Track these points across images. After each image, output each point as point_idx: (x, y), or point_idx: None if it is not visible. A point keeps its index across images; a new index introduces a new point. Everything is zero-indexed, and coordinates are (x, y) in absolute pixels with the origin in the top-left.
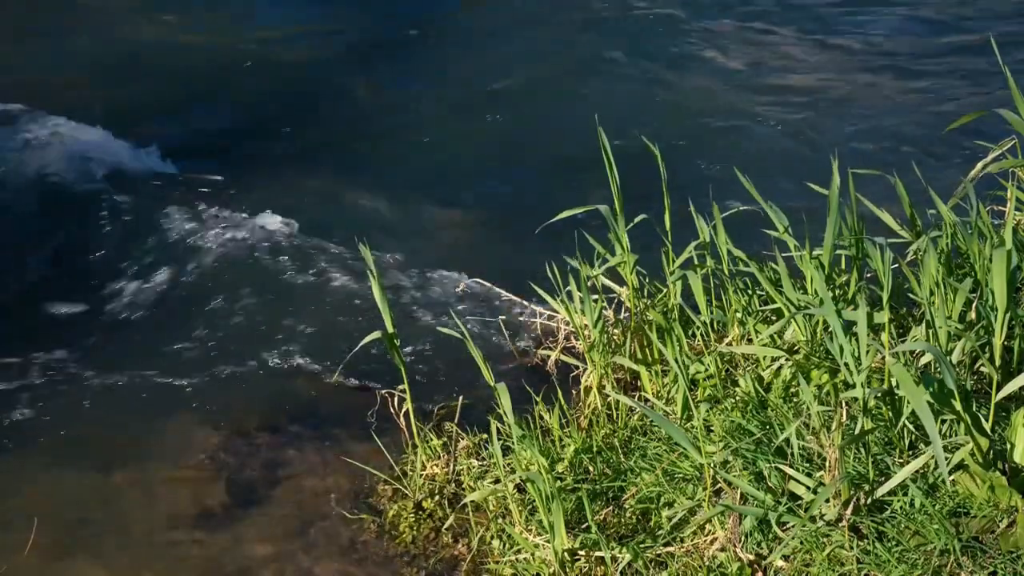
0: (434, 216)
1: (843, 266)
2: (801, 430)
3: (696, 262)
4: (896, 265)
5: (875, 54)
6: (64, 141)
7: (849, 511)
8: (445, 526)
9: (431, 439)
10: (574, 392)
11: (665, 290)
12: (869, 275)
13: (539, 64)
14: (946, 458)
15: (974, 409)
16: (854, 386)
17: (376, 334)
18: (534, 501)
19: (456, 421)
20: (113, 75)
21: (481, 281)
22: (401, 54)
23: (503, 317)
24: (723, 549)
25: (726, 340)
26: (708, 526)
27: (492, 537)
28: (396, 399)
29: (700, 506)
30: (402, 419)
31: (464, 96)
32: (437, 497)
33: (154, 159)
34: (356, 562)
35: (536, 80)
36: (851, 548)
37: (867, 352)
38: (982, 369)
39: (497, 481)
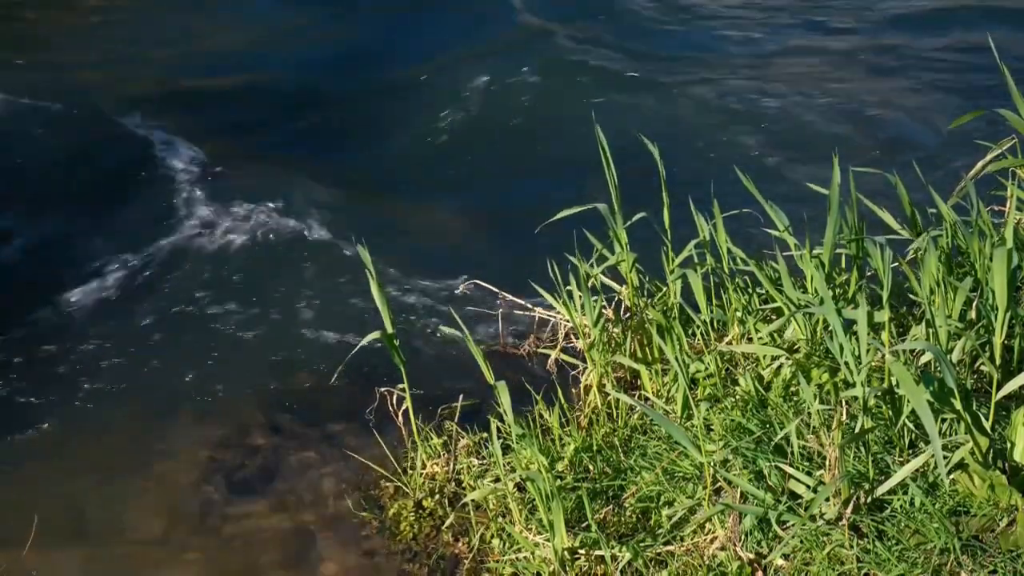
0: (434, 216)
1: (843, 265)
2: (801, 429)
3: (696, 261)
4: (896, 264)
5: (875, 53)
6: (65, 131)
7: (849, 510)
8: (445, 524)
9: (431, 438)
10: (574, 391)
11: (665, 289)
12: (869, 274)
13: (539, 65)
14: (946, 457)
15: (974, 408)
16: (854, 385)
17: (376, 334)
18: (534, 500)
19: (456, 420)
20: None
21: (481, 281)
22: (401, 56)
23: (503, 316)
24: (723, 548)
25: (726, 339)
26: (708, 525)
27: (492, 536)
28: (396, 398)
29: (700, 505)
30: (402, 418)
31: (464, 96)
32: (437, 496)
33: (159, 153)
34: (357, 560)
35: (536, 80)
36: (851, 547)
37: (867, 351)
38: (982, 368)
39: (497, 480)
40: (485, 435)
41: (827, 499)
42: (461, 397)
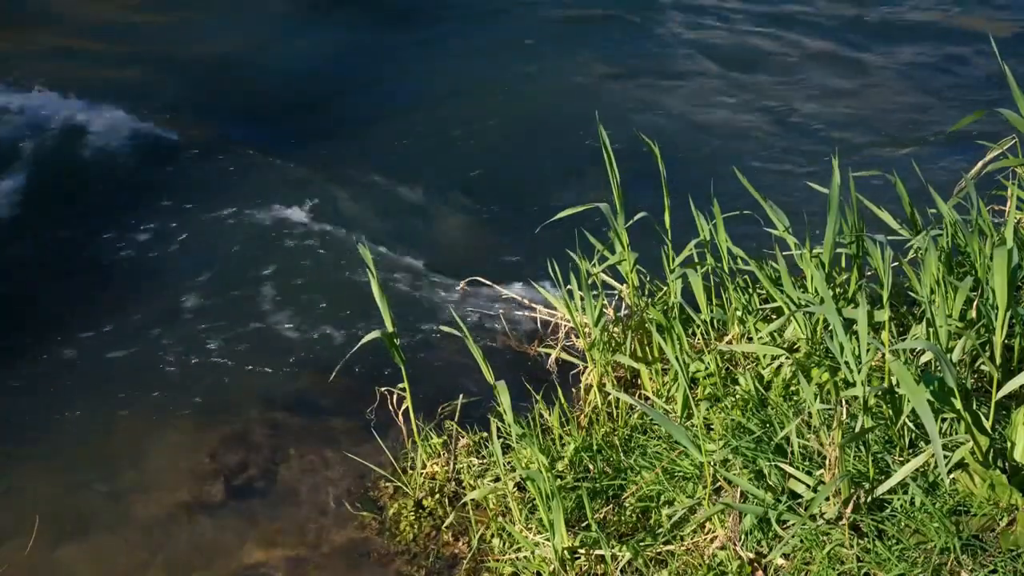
0: (435, 215)
1: (843, 264)
2: (801, 428)
3: (696, 260)
4: (896, 263)
5: (875, 54)
6: (79, 124)
7: (849, 509)
8: (445, 524)
9: (431, 437)
10: (574, 390)
11: (665, 288)
12: (869, 273)
13: (540, 64)
14: (946, 456)
15: (974, 407)
16: (854, 384)
17: (376, 333)
18: (534, 499)
19: (456, 419)
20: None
21: (481, 279)
22: (403, 55)
23: (503, 315)
24: (723, 547)
25: (726, 338)
26: (708, 524)
27: (492, 535)
28: (396, 397)
29: (700, 504)
30: (402, 417)
31: (466, 96)
32: (437, 495)
33: (160, 152)
34: (356, 560)
35: (537, 80)
36: (851, 546)
37: (867, 350)
38: (982, 367)
39: (497, 479)
40: (485, 435)
41: (827, 498)
42: (461, 397)
